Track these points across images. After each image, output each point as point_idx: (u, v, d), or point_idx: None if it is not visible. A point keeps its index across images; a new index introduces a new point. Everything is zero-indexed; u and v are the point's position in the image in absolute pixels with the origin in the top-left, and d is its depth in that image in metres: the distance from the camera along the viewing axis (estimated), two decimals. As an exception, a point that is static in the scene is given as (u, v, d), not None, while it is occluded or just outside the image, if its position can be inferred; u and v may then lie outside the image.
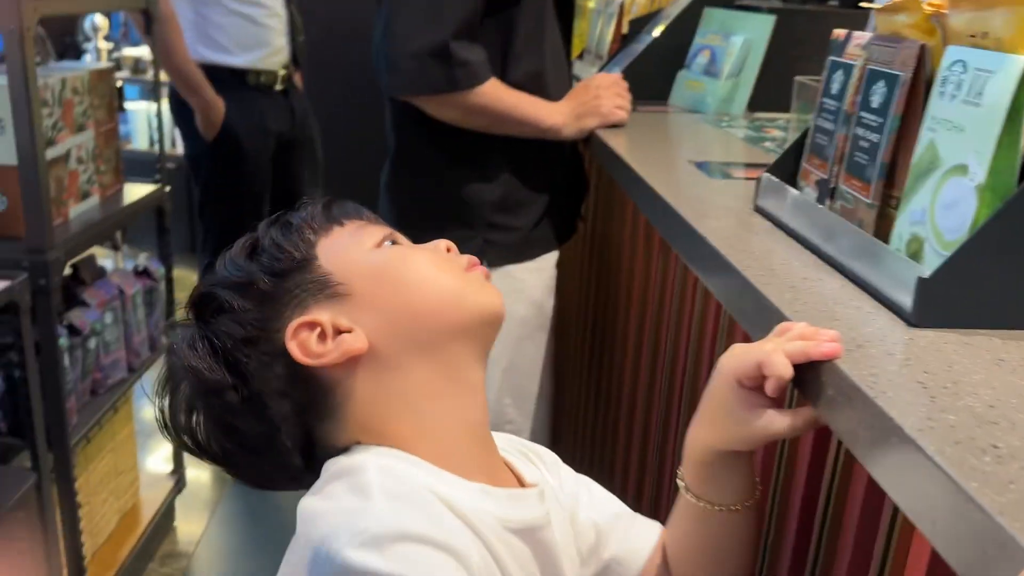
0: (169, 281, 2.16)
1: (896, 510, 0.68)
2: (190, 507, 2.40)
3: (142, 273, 2.06)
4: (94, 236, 1.79)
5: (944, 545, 0.51)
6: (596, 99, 1.54)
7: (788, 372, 0.64)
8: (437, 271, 0.72)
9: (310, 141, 2.85)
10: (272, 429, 0.68)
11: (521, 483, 0.73)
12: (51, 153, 1.62)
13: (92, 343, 1.79)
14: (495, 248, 1.49)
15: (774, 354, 0.65)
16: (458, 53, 1.38)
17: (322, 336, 0.68)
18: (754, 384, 0.67)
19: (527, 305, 1.54)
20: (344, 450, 0.68)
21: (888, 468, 0.57)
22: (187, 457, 2.40)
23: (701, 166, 1.31)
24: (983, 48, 0.73)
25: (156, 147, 2.35)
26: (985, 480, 0.50)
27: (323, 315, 0.68)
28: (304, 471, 0.69)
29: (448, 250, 0.75)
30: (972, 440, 0.55)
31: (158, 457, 2.62)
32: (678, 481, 0.74)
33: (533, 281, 1.55)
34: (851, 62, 0.92)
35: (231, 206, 2.70)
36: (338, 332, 0.68)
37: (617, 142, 1.46)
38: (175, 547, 2.25)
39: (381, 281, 0.70)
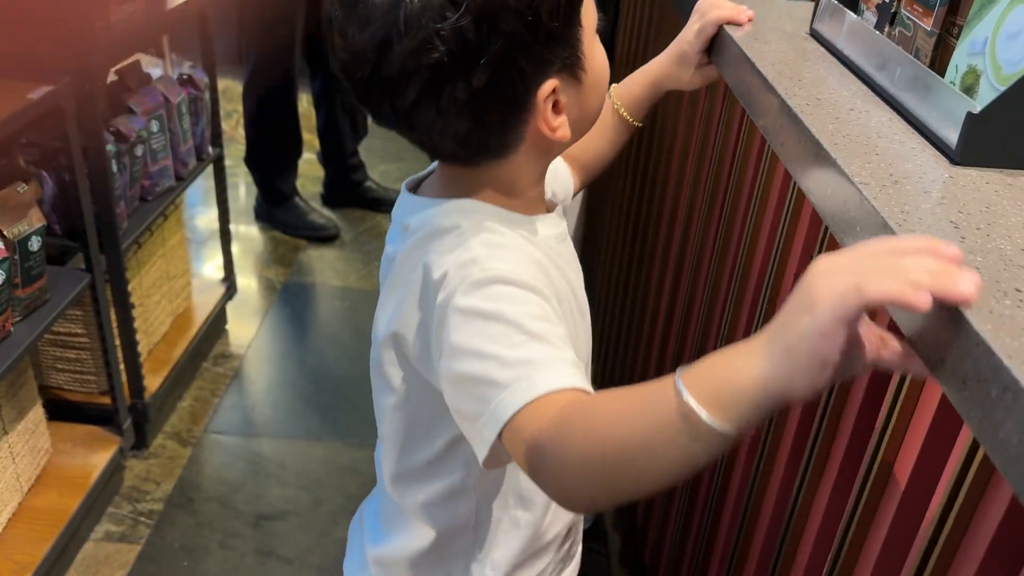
0: (213, 90, 2.15)
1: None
2: (241, 313, 2.50)
3: (186, 82, 2.05)
4: (137, 42, 1.77)
5: (949, 386, 0.51)
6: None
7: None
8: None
9: None
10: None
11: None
12: (89, -48, 1.58)
13: (139, 150, 1.81)
14: None
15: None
16: None
17: (554, 106, 0.70)
18: None
19: None
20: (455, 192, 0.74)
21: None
22: (237, 266, 2.49)
23: (760, -15, 1.23)
24: None
25: (199, -51, 2.27)
26: (1000, 323, 0.49)
27: (559, 85, 0.69)
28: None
29: None
30: (996, 283, 0.53)
31: (210, 265, 2.72)
32: (616, 103, 1.01)
33: None
34: None
35: (267, 18, 2.64)
36: (556, 108, 0.70)
37: (673, -44, 1.37)
38: (227, 348, 2.37)
39: (596, 83, 0.74)
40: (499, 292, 0.65)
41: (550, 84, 0.68)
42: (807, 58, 0.92)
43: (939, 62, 0.79)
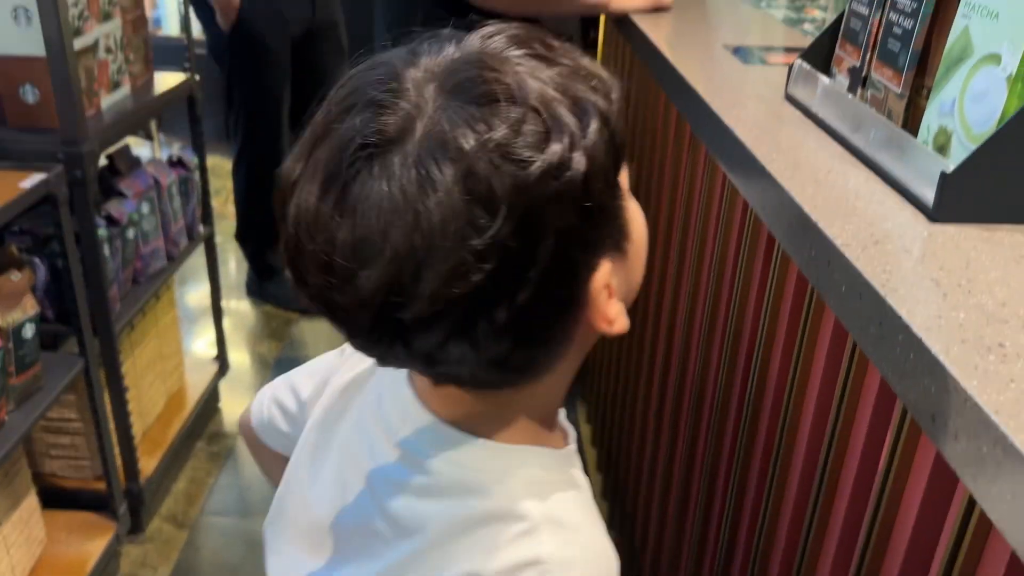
0: (203, 170, 2.17)
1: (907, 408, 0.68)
2: (234, 390, 2.49)
3: (176, 163, 2.08)
4: (127, 126, 1.80)
5: (942, 441, 0.52)
6: None
7: None
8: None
9: (333, 27, 2.80)
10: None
11: None
12: (79, 43, 1.61)
13: (131, 233, 1.83)
14: None
15: None
16: None
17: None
18: None
19: None
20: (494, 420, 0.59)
21: (894, 365, 0.58)
22: (229, 343, 2.49)
23: (737, 51, 1.27)
24: (1026, -73, 0.69)
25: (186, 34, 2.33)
26: (986, 378, 0.51)
27: (611, 267, 0.54)
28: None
29: None
30: (980, 339, 0.55)
31: (202, 343, 2.71)
32: None
33: None
34: (889, -59, 0.87)
35: (254, 97, 2.69)
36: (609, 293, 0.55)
37: (650, 26, 1.41)
38: (221, 427, 2.35)
39: (639, 249, 0.59)
40: None
41: (605, 270, 0.53)
42: (784, 122, 0.95)
43: (911, 122, 0.82)
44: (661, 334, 1.47)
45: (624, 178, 0.56)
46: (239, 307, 2.95)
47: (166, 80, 2.00)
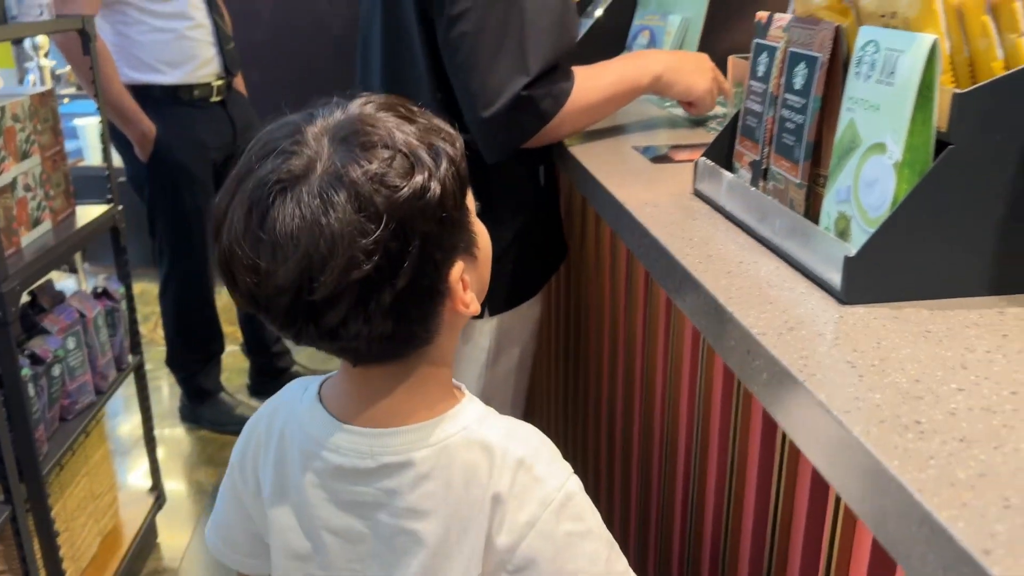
0: (130, 299, 2.14)
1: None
2: (172, 522, 2.40)
3: (102, 294, 2.05)
4: (49, 262, 1.77)
5: (873, 523, 0.53)
6: (699, 72, 1.43)
7: None
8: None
9: None
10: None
11: None
12: (-4, 183, 1.60)
13: (56, 370, 1.78)
14: (504, 291, 1.43)
15: None
16: (537, 91, 1.24)
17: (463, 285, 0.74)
18: None
19: (529, 334, 1.51)
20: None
21: (820, 449, 0.59)
22: (165, 472, 2.40)
23: (646, 151, 1.32)
24: (893, 28, 0.75)
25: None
26: (907, 457, 0.52)
27: (464, 266, 0.74)
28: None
29: None
30: (897, 418, 0.57)
31: (136, 474, 2.62)
32: None
33: (534, 311, 1.50)
34: (774, 44, 0.93)
35: (178, 223, 2.67)
36: (463, 286, 0.74)
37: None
38: (160, 563, 2.25)
39: (486, 256, 0.80)
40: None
41: (459, 267, 0.72)
42: (695, 217, 0.98)
43: (812, 210, 0.86)
44: (603, 435, 1.47)
45: (470, 202, 0.75)
46: (173, 434, 2.87)
47: (88, 212, 1.99)
